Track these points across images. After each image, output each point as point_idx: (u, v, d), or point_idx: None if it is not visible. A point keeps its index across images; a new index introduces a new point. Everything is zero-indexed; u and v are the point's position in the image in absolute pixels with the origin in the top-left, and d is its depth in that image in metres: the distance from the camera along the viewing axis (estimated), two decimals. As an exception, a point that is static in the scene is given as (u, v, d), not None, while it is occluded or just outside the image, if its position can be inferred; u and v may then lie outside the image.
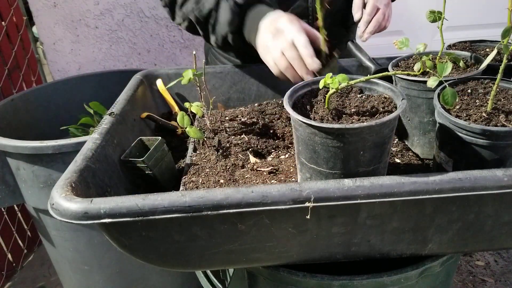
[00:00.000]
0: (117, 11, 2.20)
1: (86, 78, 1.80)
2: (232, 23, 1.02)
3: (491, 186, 0.63)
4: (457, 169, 0.70)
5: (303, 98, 0.79)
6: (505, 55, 0.72)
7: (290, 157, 0.93)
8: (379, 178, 0.64)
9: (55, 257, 1.56)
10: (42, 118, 1.67)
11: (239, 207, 0.62)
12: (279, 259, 0.76)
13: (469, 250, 0.88)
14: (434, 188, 0.63)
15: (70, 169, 0.71)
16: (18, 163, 1.28)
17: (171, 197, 0.63)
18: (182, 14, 1.10)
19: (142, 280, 1.54)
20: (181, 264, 0.77)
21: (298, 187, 0.63)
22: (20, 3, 2.05)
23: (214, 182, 0.83)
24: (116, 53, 2.30)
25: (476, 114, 0.72)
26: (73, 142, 1.21)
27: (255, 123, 1.04)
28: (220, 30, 1.05)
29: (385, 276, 0.81)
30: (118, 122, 0.91)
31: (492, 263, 1.98)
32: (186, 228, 0.67)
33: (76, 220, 0.62)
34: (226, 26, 1.03)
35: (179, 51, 2.33)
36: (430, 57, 0.85)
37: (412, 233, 0.72)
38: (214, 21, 1.05)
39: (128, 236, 0.68)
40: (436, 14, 0.80)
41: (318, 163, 0.71)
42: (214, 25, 1.05)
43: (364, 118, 0.72)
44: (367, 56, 1.14)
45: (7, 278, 2.00)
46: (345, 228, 0.70)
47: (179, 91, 1.22)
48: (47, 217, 1.40)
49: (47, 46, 2.25)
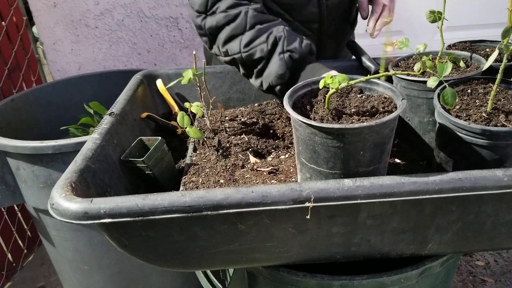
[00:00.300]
0: (117, 11, 2.20)
1: (86, 78, 1.80)
2: (284, 77, 1.00)
3: (491, 186, 0.63)
4: (457, 169, 0.70)
5: (303, 98, 0.79)
6: (505, 55, 0.72)
7: (290, 157, 0.93)
8: (379, 178, 0.64)
9: (55, 257, 1.56)
10: (42, 118, 1.67)
11: (239, 207, 0.62)
12: (279, 259, 0.76)
13: (469, 250, 0.88)
14: (434, 188, 0.63)
15: (70, 169, 0.71)
16: (18, 163, 1.28)
17: (171, 197, 0.63)
18: (225, 51, 1.07)
19: (142, 280, 1.54)
20: (181, 264, 0.77)
21: (298, 187, 0.63)
22: (20, 3, 2.05)
23: (214, 182, 0.83)
24: (116, 53, 2.30)
25: (476, 114, 0.72)
26: (73, 142, 1.21)
27: (255, 123, 1.04)
28: (269, 79, 1.02)
29: (385, 276, 0.81)
30: (118, 122, 0.91)
31: (492, 263, 1.98)
32: (186, 228, 0.67)
33: (76, 220, 0.62)
34: (277, 79, 1.00)
35: (179, 51, 2.33)
36: (430, 57, 0.85)
37: (412, 233, 0.72)
38: (263, 67, 1.02)
39: (128, 236, 0.68)
40: (436, 14, 0.80)
41: (318, 163, 0.71)
42: (262, 71, 1.03)
43: (364, 118, 0.72)
44: (367, 56, 1.15)
45: (7, 278, 2.00)
46: (345, 228, 0.70)
47: (179, 91, 1.22)
48: (47, 217, 1.40)
49: (47, 46, 2.25)
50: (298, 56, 0.99)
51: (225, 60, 1.10)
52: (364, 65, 1.14)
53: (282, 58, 0.98)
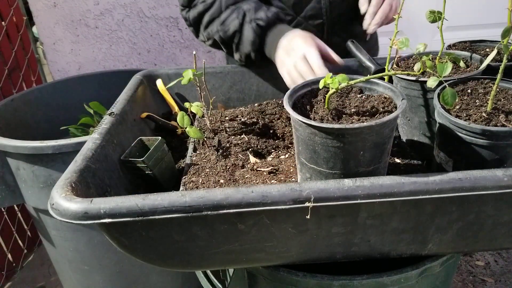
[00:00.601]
0: (117, 11, 2.20)
1: (86, 78, 1.80)
2: (255, 43, 1.11)
3: (491, 186, 0.63)
4: (457, 169, 0.70)
5: (303, 98, 0.79)
6: (505, 55, 0.72)
7: (290, 157, 0.93)
8: (379, 178, 0.64)
9: (55, 257, 1.56)
10: (42, 118, 1.67)
11: (239, 207, 0.62)
12: (279, 259, 0.76)
13: (469, 250, 0.88)
14: (434, 188, 0.63)
15: (70, 169, 0.71)
16: (18, 163, 1.28)
17: (171, 197, 0.63)
18: (207, 34, 1.20)
19: (142, 280, 1.54)
20: (181, 264, 0.77)
21: (298, 187, 0.63)
22: (20, 3, 2.05)
23: (214, 182, 0.83)
24: (116, 53, 2.30)
25: (476, 114, 0.72)
26: (73, 142, 1.21)
27: (255, 123, 1.04)
28: (243, 49, 1.14)
29: (385, 276, 0.81)
30: (118, 122, 0.91)
31: (492, 263, 1.98)
32: (186, 228, 0.67)
33: (76, 220, 0.62)
34: (249, 46, 1.12)
35: (179, 51, 2.33)
36: (430, 57, 0.85)
37: (412, 233, 0.72)
38: (238, 41, 1.14)
39: (128, 236, 0.68)
40: (436, 14, 0.80)
41: (318, 163, 0.71)
42: (238, 44, 1.15)
43: (364, 118, 0.72)
44: (367, 56, 1.15)
45: (7, 278, 2.00)
46: (345, 228, 0.70)
47: (179, 91, 1.22)
48: (47, 217, 1.40)
49: (47, 46, 2.25)
50: (265, 23, 1.10)
51: (209, 44, 1.24)
52: (364, 65, 1.13)
53: (251, 27, 1.10)
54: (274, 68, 1.08)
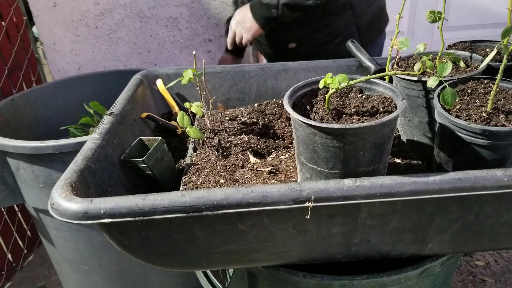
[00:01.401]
0: (117, 11, 2.20)
1: (86, 78, 1.79)
2: None
3: (491, 186, 0.63)
4: (457, 169, 0.70)
5: (303, 98, 0.79)
6: (505, 55, 0.72)
7: (290, 157, 0.93)
8: (379, 178, 0.64)
9: (55, 257, 1.56)
10: (42, 118, 1.67)
11: (239, 207, 0.62)
12: (279, 259, 0.76)
13: (469, 250, 0.88)
14: (434, 188, 0.63)
15: (70, 169, 0.71)
16: (18, 163, 1.28)
17: (171, 197, 0.63)
18: None
19: (142, 280, 1.54)
20: (181, 264, 0.77)
21: (298, 187, 0.63)
22: (20, 3, 2.05)
23: (214, 182, 0.83)
24: (116, 53, 2.30)
25: (476, 114, 0.72)
26: (73, 142, 1.21)
27: (255, 123, 1.04)
28: None
29: (385, 276, 0.81)
30: (118, 122, 0.91)
31: (492, 263, 1.98)
32: (186, 228, 0.67)
33: (76, 220, 0.62)
34: None
35: (179, 51, 2.32)
36: (430, 57, 0.85)
37: (412, 233, 0.72)
38: None
39: (128, 236, 0.68)
40: (436, 14, 0.80)
41: (318, 163, 0.71)
42: None
43: (364, 118, 0.72)
44: (367, 56, 1.15)
45: (7, 278, 2.00)
46: (345, 228, 0.70)
47: (179, 91, 1.22)
48: (47, 217, 1.40)
49: (47, 46, 2.25)
50: None
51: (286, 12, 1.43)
52: (364, 65, 1.14)
53: None
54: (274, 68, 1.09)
